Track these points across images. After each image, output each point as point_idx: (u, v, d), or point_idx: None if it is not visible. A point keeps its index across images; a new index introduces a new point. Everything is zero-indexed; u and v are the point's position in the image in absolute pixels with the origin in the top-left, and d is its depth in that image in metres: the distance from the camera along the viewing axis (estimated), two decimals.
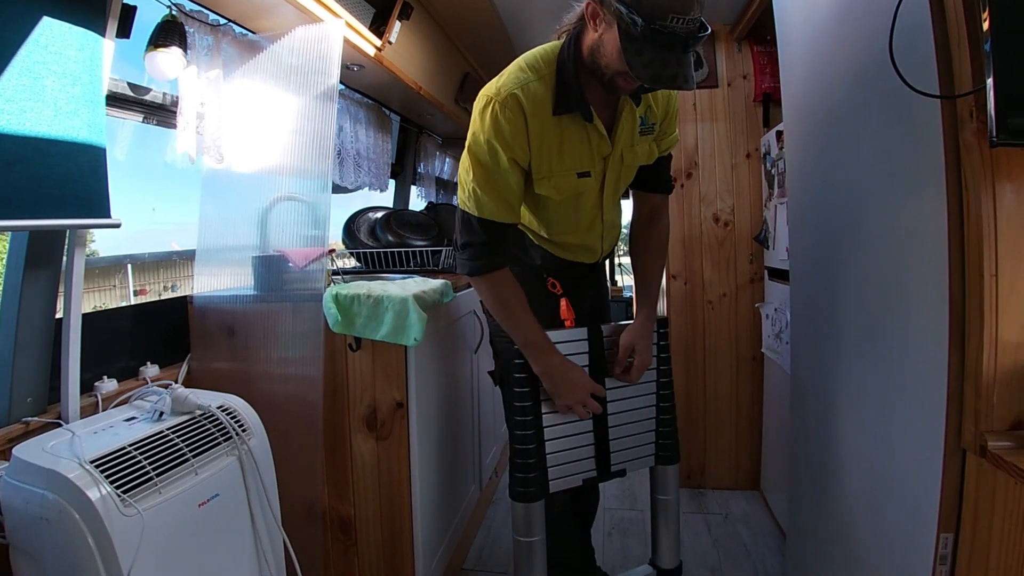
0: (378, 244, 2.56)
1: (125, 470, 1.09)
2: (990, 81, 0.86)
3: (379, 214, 2.68)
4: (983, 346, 0.97)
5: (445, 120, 3.36)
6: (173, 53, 1.59)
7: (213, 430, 1.30)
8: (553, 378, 1.45)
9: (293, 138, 1.77)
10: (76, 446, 1.11)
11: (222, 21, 1.81)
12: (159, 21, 1.59)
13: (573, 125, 1.44)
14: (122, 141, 1.76)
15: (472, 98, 1.49)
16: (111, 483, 1.05)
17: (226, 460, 1.29)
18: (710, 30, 1.22)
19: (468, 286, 2.22)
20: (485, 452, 2.56)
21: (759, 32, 2.63)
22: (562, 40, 1.45)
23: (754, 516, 2.56)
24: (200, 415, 1.31)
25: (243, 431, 1.35)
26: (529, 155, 1.42)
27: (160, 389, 1.40)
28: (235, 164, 1.81)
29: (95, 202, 1.31)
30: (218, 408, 1.34)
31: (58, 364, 1.36)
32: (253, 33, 1.90)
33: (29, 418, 1.31)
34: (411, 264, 2.48)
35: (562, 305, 1.59)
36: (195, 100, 1.70)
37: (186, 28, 1.64)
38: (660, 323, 1.61)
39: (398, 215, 2.72)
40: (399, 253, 2.47)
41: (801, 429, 1.79)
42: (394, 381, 1.72)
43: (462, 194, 1.46)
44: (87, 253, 1.38)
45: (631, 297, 5.45)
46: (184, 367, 1.74)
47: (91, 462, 1.07)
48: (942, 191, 1.04)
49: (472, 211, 1.43)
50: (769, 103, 2.65)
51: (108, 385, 1.49)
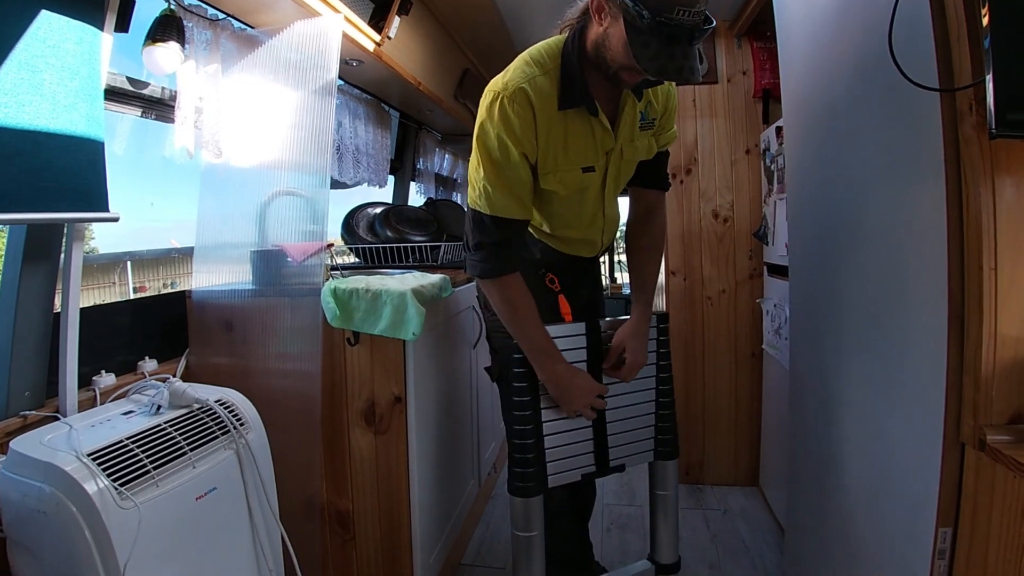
0: (377, 240, 2.56)
1: (122, 463, 1.09)
2: (989, 77, 0.86)
3: (378, 210, 2.68)
4: (982, 340, 0.97)
5: (444, 116, 3.35)
6: (171, 47, 1.59)
7: (211, 424, 1.29)
8: (560, 386, 1.46)
9: (292, 133, 1.76)
10: (73, 439, 1.11)
11: (221, 16, 1.80)
12: (157, 15, 1.58)
13: (578, 120, 1.44)
14: (121, 135, 1.75)
15: (472, 94, 1.49)
16: (108, 476, 1.05)
17: (224, 454, 1.29)
18: (715, 23, 1.22)
19: (467, 281, 2.22)
20: (484, 447, 2.56)
21: (759, 28, 2.63)
22: (565, 35, 1.45)
23: (753, 512, 2.56)
24: (198, 409, 1.31)
25: (241, 425, 1.35)
26: (536, 150, 1.42)
27: (158, 383, 1.40)
28: (234, 159, 1.81)
29: (93, 196, 1.31)
30: (216, 402, 1.33)
31: (56, 358, 1.36)
32: (252, 28, 1.90)
33: (27, 412, 1.31)
34: (410, 260, 2.48)
35: (560, 302, 1.59)
36: (193, 95, 1.70)
37: (184, 22, 1.64)
38: (660, 318, 1.61)
39: (397, 211, 2.71)
40: (398, 248, 2.47)
41: (800, 425, 1.79)
42: (392, 376, 1.72)
43: (473, 193, 1.45)
44: (87, 250, 1.37)
45: (630, 295, 5.43)
46: (182, 362, 1.74)
47: (88, 455, 1.06)
48: (941, 185, 1.04)
49: (484, 209, 1.42)
50: (769, 99, 2.65)
51: (106, 379, 1.49)
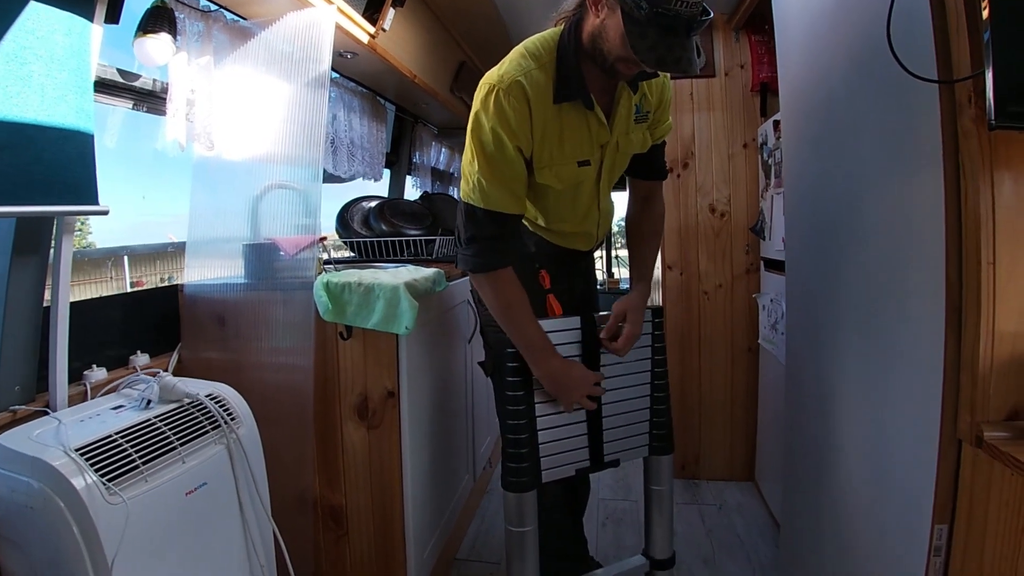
0: (372, 233, 2.54)
1: (111, 458, 1.08)
2: (989, 69, 0.84)
3: (373, 203, 2.66)
4: (980, 335, 0.96)
5: (441, 109, 3.33)
6: (162, 39, 1.57)
7: (201, 418, 1.28)
8: (556, 381, 1.45)
9: (284, 125, 1.74)
10: (62, 434, 1.09)
11: (213, 7, 1.78)
12: (148, 7, 1.56)
13: (573, 113, 1.43)
14: (112, 128, 1.74)
15: (468, 87, 1.47)
16: (96, 471, 1.04)
17: (214, 448, 1.28)
18: (712, 14, 1.21)
19: (462, 275, 2.21)
20: (479, 442, 2.55)
21: (757, 21, 2.61)
22: (560, 28, 1.43)
23: (748, 507, 2.56)
24: (188, 403, 1.29)
25: (232, 419, 1.34)
26: (532, 144, 1.41)
27: (148, 377, 1.38)
28: (226, 151, 1.78)
29: (83, 189, 1.29)
30: (206, 396, 1.32)
31: (47, 353, 1.34)
32: (244, 19, 1.88)
33: (16, 407, 1.29)
34: (405, 254, 2.46)
35: (550, 301, 1.58)
36: (185, 87, 1.68)
37: (176, 14, 1.62)
38: (656, 312, 1.60)
39: (392, 204, 2.69)
40: (393, 242, 2.45)
41: (796, 420, 1.79)
42: (385, 370, 1.71)
43: (466, 186, 1.43)
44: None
45: (627, 290, 5.43)
46: (175, 356, 1.73)
47: (76, 450, 1.05)
48: (940, 178, 1.03)
49: (478, 203, 1.41)
50: (766, 93, 2.64)
51: (97, 374, 1.47)
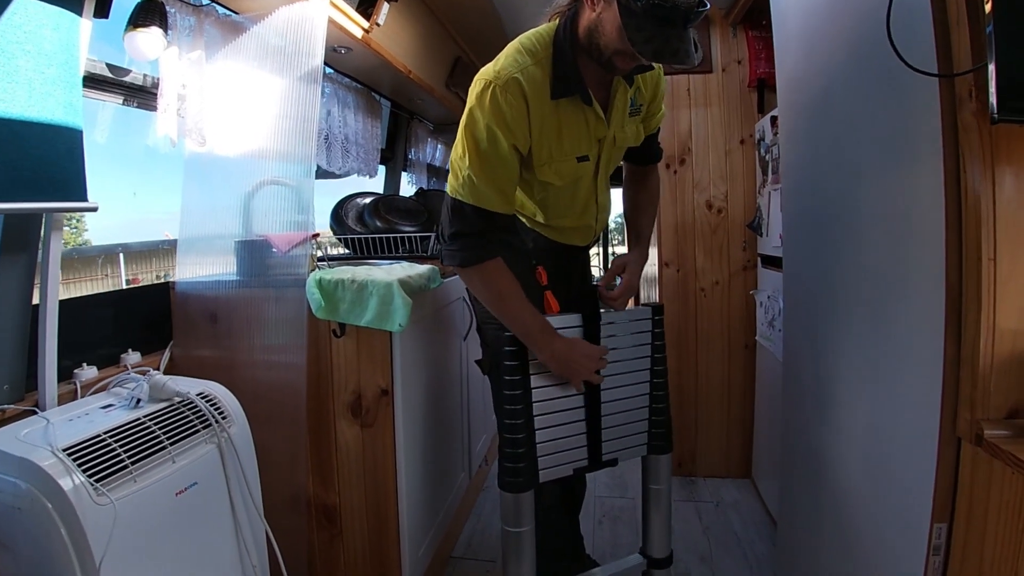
0: (366, 230, 2.52)
1: (99, 458, 1.06)
2: (992, 62, 0.83)
3: (367, 200, 2.64)
4: (980, 333, 0.95)
5: (436, 105, 3.31)
6: (153, 33, 1.55)
7: (191, 417, 1.27)
8: (562, 361, 1.42)
9: (277, 121, 1.73)
10: (50, 434, 1.08)
11: (204, 1, 1.76)
12: (138, 1, 1.54)
13: (571, 108, 1.41)
14: (103, 124, 1.72)
15: (463, 83, 1.45)
16: (84, 472, 1.02)
17: (205, 448, 1.26)
18: (709, 6, 1.21)
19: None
20: (475, 440, 2.54)
21: (754, 16, 2.59)
22: (555, 23, 1.42)
23: (745, 504, 2.55)
24: (178, 402, 1.28)
25: (223, 418, 1.32)
26: (530, 141, 1.40)
27: (138, 376, 1.37)
28: (218, 147, 1.77)
29: (71, 185, 1.28)
30: (197, 395, 1.31)
31: (37, 351, 1.32)
32: (236, 14, 1.86)
33: (5, 406, 1.27)
34: (400, 250, 2.44)
35: (547, 298, 1.56)
36: (176, 82, 1.67)
37: (167, 8, 1.60)
38: (657, 310, 1.59)
39: (387, 200, 2.67)
40: (387, 239, 2.43)
41: (793, 417, 1.78)
42: (379, 368, 1.69)
43: (454, 181, 1.41)
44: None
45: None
46: (166, 354, 1.71)
47: (64, 450, 1.04)
48: (939, 173, 1.01)
49: (467, 199, 1.39)
50: (764, 88, 2.62)
51: (88, 372, 1.45)
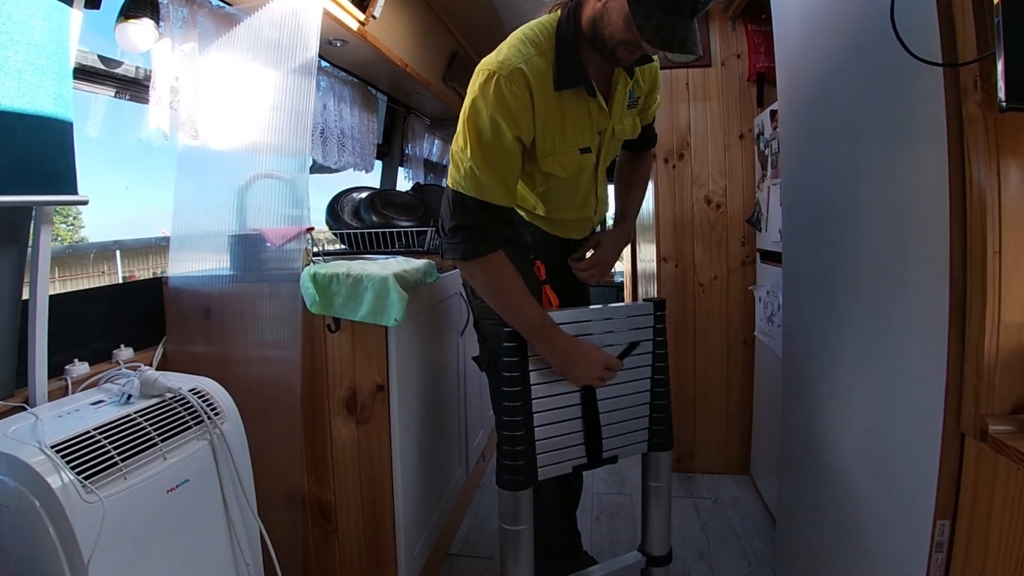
0: (362, 225, 2.50)
1: (88, 455, 1.04)
2: (1000, 50, 0.81)
3: (363, 194, 2.62)
4: (985, 327, 0.93)
5: (433, 100, 3.29)
6: (144, 24, 1.53)
7: (183, 413, 1.24)
8: (564, 357, 1.39)
9: (271, 114, 1.70)
10: (39, 431, 1.06)
11: None
12: None
13: (574, 100, 1.40)
14: (94, 117, 1.70)
15: (461, 77, 1.44)
16: (73, 469, 1.00)
17: (197, 444, 1.24)
18: None
19: (453, 266, 2.17)
20: (472, 436, 2.53)
21: (754, 10, 2.57)
22: (557, 14, 1.40)
23: (744, 500, 2.55)
24: (170, 398, 1.25)
25: (216, 414, 1.30)
26: (533, 132, 1.38)
27: (129, 372, 1.35)
28: (211, 141, 1.74)
29: (61, 178, 1.25)
30: (189, 391, 1.28)
31: (27, 347, 1.30)
32: (230, 5, 1.83)
33: None
34: (396, 245, 2.42)
35: (546, 292, 1.55)
36: (169, 74, 1.64)
37: None
38: (658, 306, 1.56)
39: (383, 195, 2.65)
40: (383, 234, 2.41)
41: (792, 413, 1.77)
42: (374, 363, 1.67)
43: (456, 173, 1.38)
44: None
45: (621, 283, 5.41)
46: (159, 350, 1.69)
47: (53, 447, 1.01)
48: (943, 165, 1.00)
49: (469, 191, 1.36)
50: (763, 83, 2.60)
51: (79, 368, 1.43)
